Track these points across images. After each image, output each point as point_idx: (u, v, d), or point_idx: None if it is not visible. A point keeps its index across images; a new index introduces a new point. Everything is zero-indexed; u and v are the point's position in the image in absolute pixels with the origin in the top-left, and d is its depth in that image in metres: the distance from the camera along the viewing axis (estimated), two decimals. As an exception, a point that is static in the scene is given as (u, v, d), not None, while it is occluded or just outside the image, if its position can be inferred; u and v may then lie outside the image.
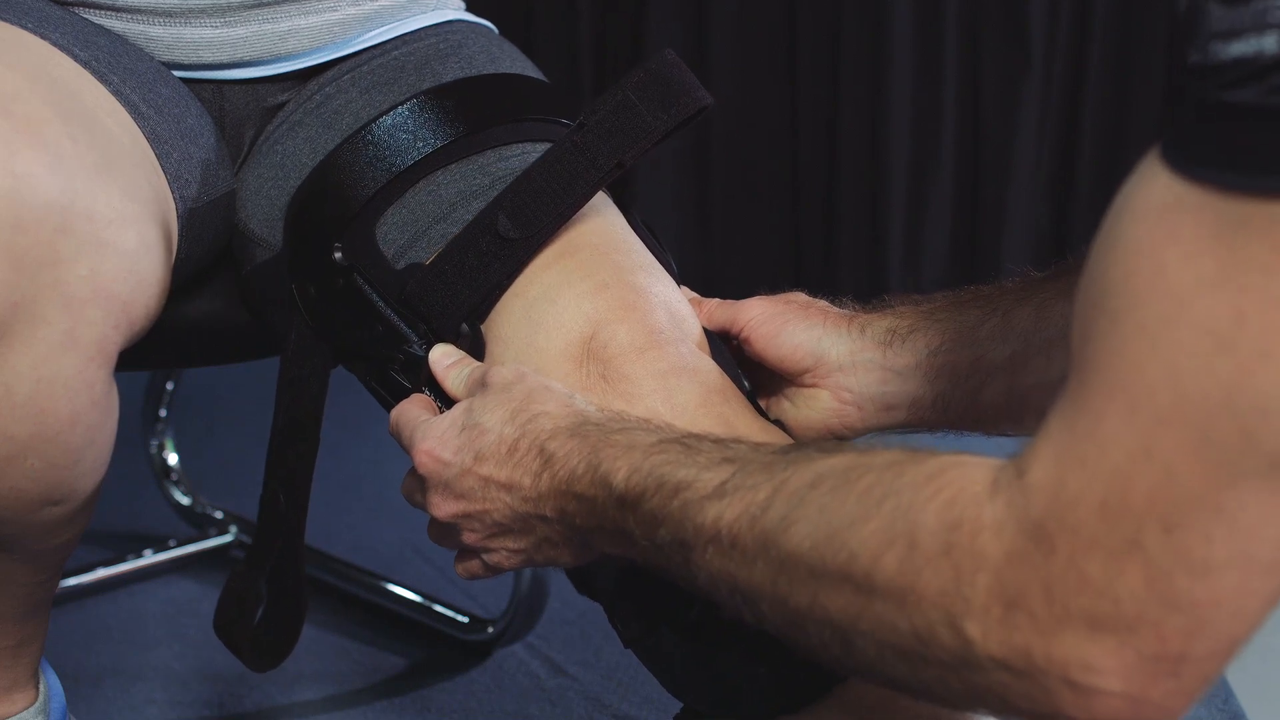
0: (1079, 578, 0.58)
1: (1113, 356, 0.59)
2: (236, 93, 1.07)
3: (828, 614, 0.66)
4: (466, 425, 0.83)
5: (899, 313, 0.96)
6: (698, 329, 0.95)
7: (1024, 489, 0.60)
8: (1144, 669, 0.58)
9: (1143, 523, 0.57)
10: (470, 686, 1.45)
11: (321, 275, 0.97)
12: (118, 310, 0.86)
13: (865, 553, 0.64)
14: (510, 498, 0.81)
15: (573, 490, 0.79)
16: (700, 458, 0.75)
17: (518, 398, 0.83)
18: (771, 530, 0.68)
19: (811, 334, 0.96)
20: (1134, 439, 0.57)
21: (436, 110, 1.00)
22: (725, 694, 0.87)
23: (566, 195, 0.94)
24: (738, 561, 0.70)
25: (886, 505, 0.64)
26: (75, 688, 1.41)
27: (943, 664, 0.62)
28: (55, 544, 0.97)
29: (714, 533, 0.71)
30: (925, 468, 0.64)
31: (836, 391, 0.96)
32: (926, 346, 0.94)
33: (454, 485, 0.83)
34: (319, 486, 1.03)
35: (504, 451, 0.81)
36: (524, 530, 0.83)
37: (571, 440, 0.80)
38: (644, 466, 0.76)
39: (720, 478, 0.72)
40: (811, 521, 0.67)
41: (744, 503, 0.70)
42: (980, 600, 0.60)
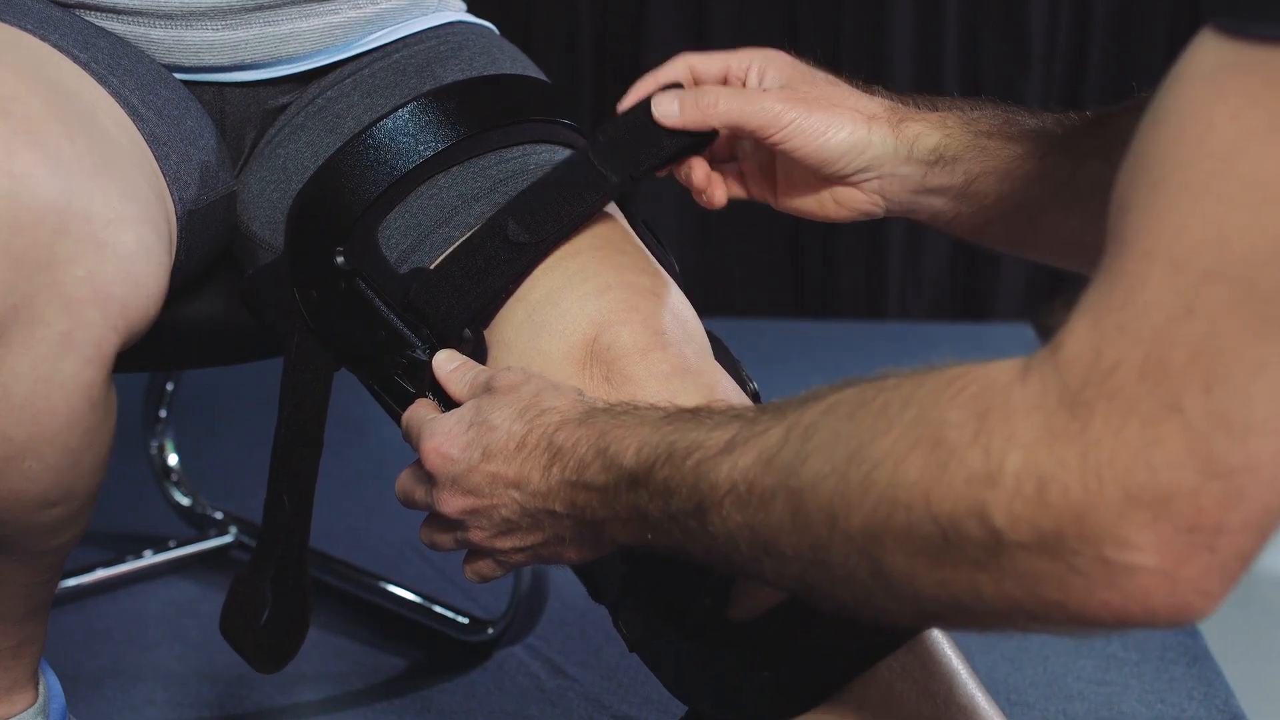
0: (1116, 445, 0.56)
1: (1154, 220, 0.57)
2: (237, 95, 1.07)
3: (851, 536, 0.64)
4: (474, 423, 0.83)
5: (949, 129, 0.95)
6: (701, 330, 0.96)
7: (1058, 364, 0.59)
8: (1180, 542, 0.56)
9: (1183, 383, 0.55)
10: (470, 687, 1.45)
11: (324, 279, 0.97)
12: (116, 311, 0.86)
13: (889, 459, 0.62)
14: (519, 494, 0.81)
15: (582, 480, 0.78)
16: (707, 420, 0.74)
17: (525, 396, 0.83)
18: (787, 465, 0.67)
19: (856, 139, 0.94)
20: (1176, 299, 0.56)
21: (437, 113, 1.00)
22: (729, 697, 0.87)
23: (577, 203, 0.94)
24: (755, 507, 0.68)
25: (908, 414, 0.63)
26: (75, 688, 1.41)
27: (973, 562, 0.60)
28: (55, 545, 0.97)
29: (729, 486, 0.70)
30: (945, 374, 0.63)
31: (869, 195, 0.96)
32: (967, 173, 0.95)
33: (461, 481, 0.83)
34: (320, 487, 1.03)
35: (512, 447, 0.81)
36: (532, 527, 0.82)
37: (579, 429, 0.79)
38: (652, 439, 0.75)
39: (729, 434, 0.71)
40: (828, 447, 0.65)
41: (756, 449, 0.69)
42: (1010, 484, 0.58)
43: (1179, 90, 0.58)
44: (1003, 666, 1.47)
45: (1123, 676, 1.45)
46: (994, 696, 0.87)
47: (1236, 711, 1.39)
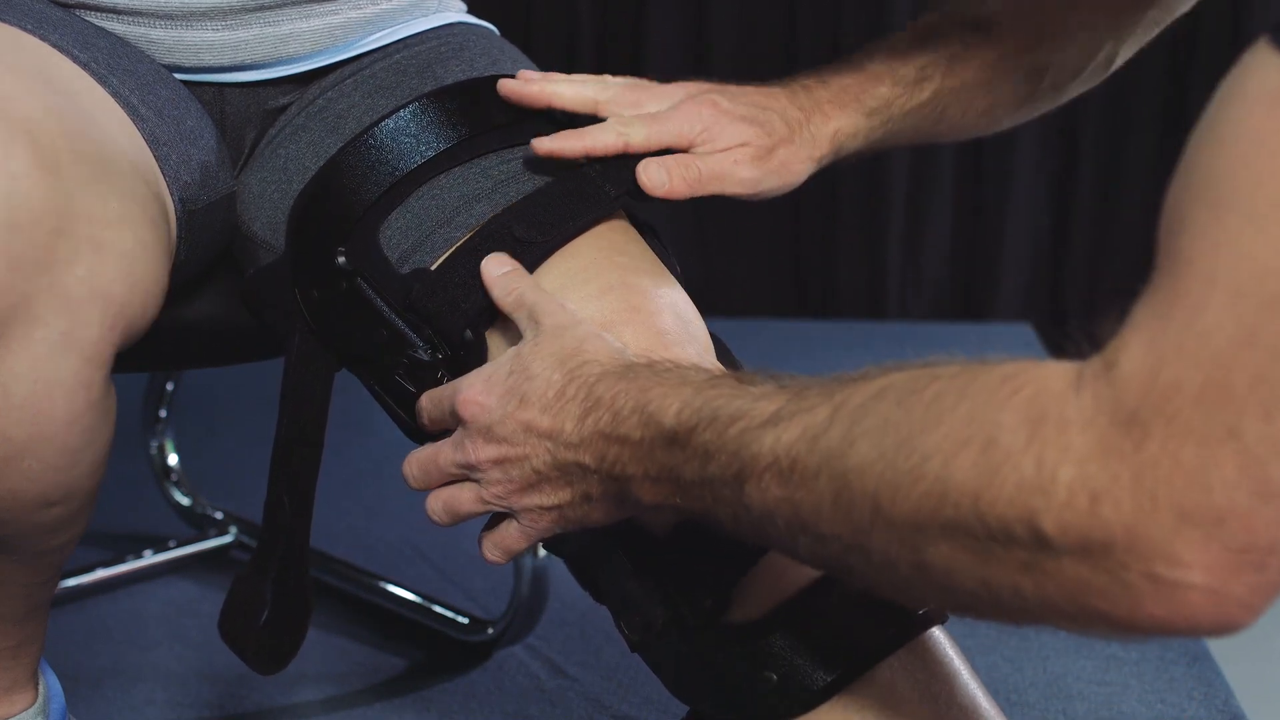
0: (1171, 466, 0.57)
1: (1215, 243, 0.57)
2: (237, 95, 1.07)
3: (893, 525, 0.64)
4: (515, 370, 0.83)
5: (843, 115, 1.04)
6: (704, 330, 0.96)
7: (1114, 381, 0.59)
8: (1229, 562, 0.57)
9: (1243, 409, 0.56)
10: (470, 687, 1.45)
11: (325, 280, 0.97)
12: (115, 311, 0.86)
13: (939, 454, 0.62)
14: (551, 444, 0.81)
15: (617, 433, 0.78)
16: (754, 389, 0.74)
17: (569, 344, 0.82)
18: (834, 447, 0.67)
19: (810, 169, 1.04)
20: (1238, 325, 0.56)
21: (438, 113, 1.00)
22: (730, 698, 0.87)
23: (584, 206, 0.95)
24: (796, 484, 0.68)
25: (961, 408, 0.63)
26: (75, 688, 1.41)
27: (1018, 564, 0.61)
28: (54, 545, 0.96)
29: (771, 459, 0.69)
30: (998, 371, 0.63)
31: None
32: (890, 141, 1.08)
33: (495, 429, 0.83)
34: (320, 487, 1.03)
35: (550, 397, 0.81)
36: (560, 482, 0.82)
37: (620, 383, 0.79)
38: (695, 402, 0.75)
39: (775, 405, 0.71)
40: (877, 432, 0.65)
41: (802, 425, 0.69)
42: (1062, 495, 0.59)
43: (1240, 110, 0.58)
44: (1003, 666, 1.47)
45: (1123, 676, 1.45)
46: (994, 696, 0.87)
47: (1236, 711, 1.39)
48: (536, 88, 1.02)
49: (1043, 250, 2.81)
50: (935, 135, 1.10)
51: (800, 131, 1.03)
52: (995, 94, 1.08)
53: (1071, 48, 1.08)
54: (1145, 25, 1.08)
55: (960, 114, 1.08)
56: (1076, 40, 1.07)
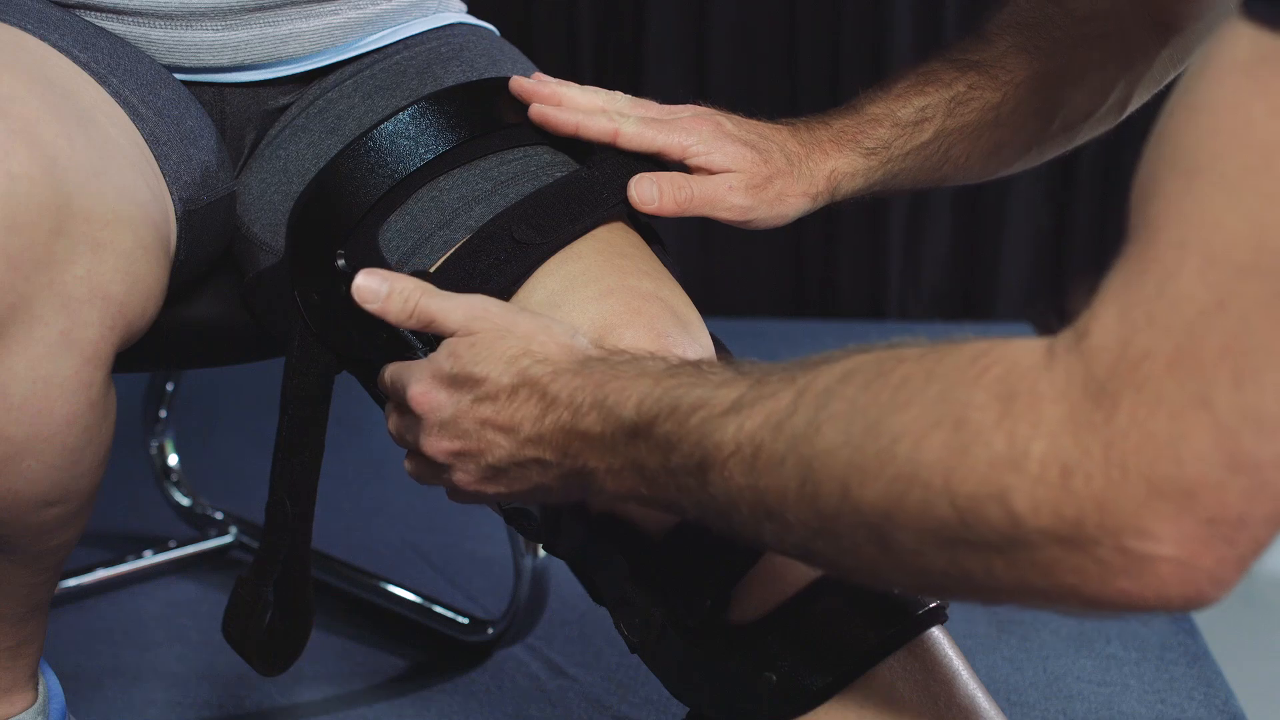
0: (1142, 437, 0.56)
1: (1187, 211, 0.57)
2: (237, 95, 1.07)
3: (861, 510, 0.64)
4: (457, 371, 0.81)
5: (841, 155, 1.04)
6: (704, 332, 0.96)
7: (1084, 352, 0.58)
8: (1200, 534, 0.56)
9: (1213, 377, 0.55)
10: (470, 688, 1.45)
11: (325, 282, 0.97)
12: (114, 311, 0.86)
13: (908, 436, 0.62)
14: (508, 441, 0.80)
15: (577, 429, 0.77)
16: (714, 376, 0.73)
17: (515, 346, 0.81)
18: (799, 432, 0.66)
19: (803, 208, 1.04)
20: (1208, 292, 0.56)
21: (437, 115, 1.00)
22: (730, 699, 0.87)
23: (584, 208, 0.95)
24: (760, 470, 0.68)
25: (930, 390, 0.62)
26: (75, 688, 1.41)
27: (988, 546, 0.60)
28: (54, 545, 0.97)
29: (734, 447, 0.69)
30: (966, 351, 0.63)
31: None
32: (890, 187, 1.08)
33: (450, 426, 0.82)
34: (320, 487, 1.03)
35: (503, 396, 0.80)
36: (519, 475, 0.81)
37: (576, 379, 0.78)
38: (654, 392, 0.74)
39: (736, 393, 0.70)
40: (844, 416, 0.65)
41: (764, 411, 0.68)
42: (1034, 470, 0.58)
43: (1213, 80, 0.58)
44: (1003, 666, 1.47)
45: (1123, 676, 1.45)
46: (994, 696, 0.87)
47: (1236, 711, 1.39)
48: (549, 89, 1.02)
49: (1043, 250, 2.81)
50: (942, 177, 1.09)
51: (798, 166, 1.03)
52: (1001, 135, 1.07)
53: (1081, 90, 1.07)
54: (1160, 66, 1.07)
55: (964, 155, 1.07)
56: (1086, 82, 1.07)
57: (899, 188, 1.09)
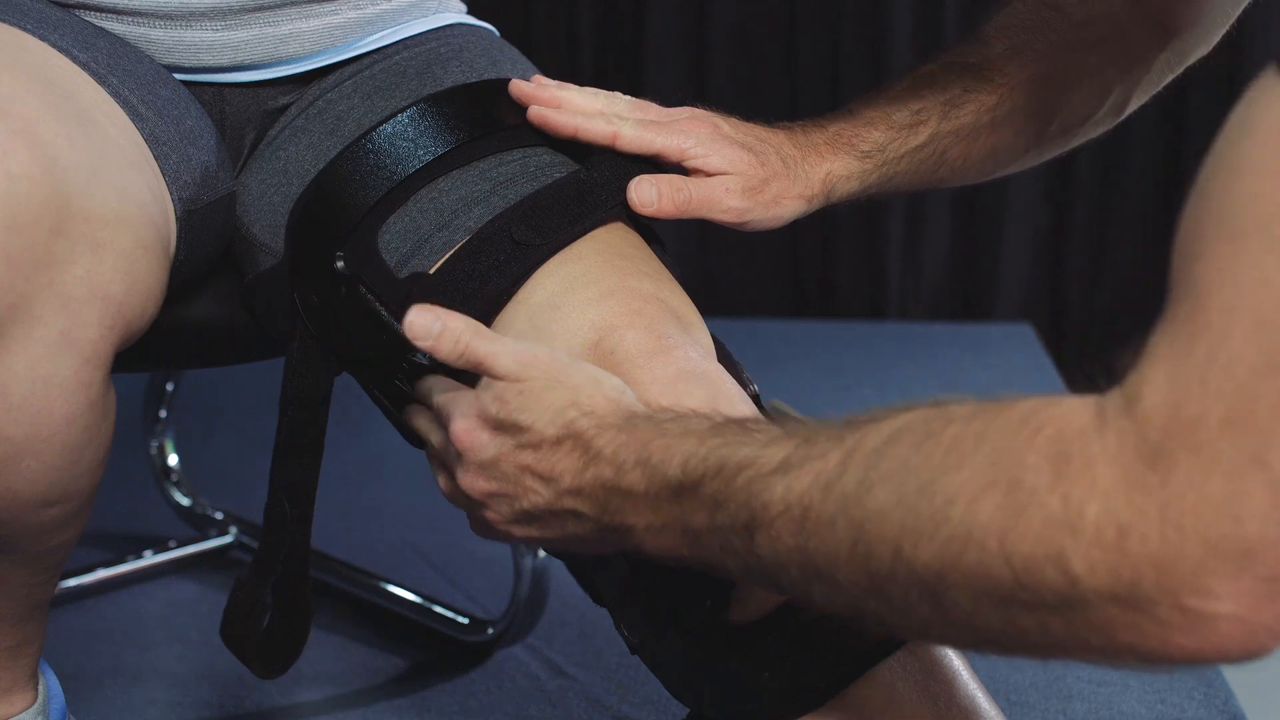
0: (1199, 498, 0.57)
1: (1235, 274, 0.58)
2: (237, 95, 1.07)
3: (915, 570, 0.64)
4: (502, 419, 0.81)
5: (837, 157, 1.05)
6: (705, 333, 0.96)
7: (1137, 415, 0.59)
8: (1260, 590, 0.57)
9: (1268, 437, 0.56)
10: (470, 687, 1.45)
11: (324, 284, 0.97)
12: (114, 311, 0.86)
13: (962, 497, 0.62)
14: (546, 490, 0.80)
15: (620, 485, 0.77)
16: (759, 435, 0.73)
17: (563, 397, 0.81)
18: (850, 493, 0.66)
19: (798, 210, 1.05)
20: (1260, 355, 0.56)
21: (436, 117, 1.00)
22: (731, 699, 0.87)
23: (584, 209, 0.95)
24: (810, 532, 0.68)
25: (982, 451, 0.62)
26: (75, 689, 1.41)
27: (1045, 606, 0.61)
28: (53, 545, 0.97)
29: (782, 507, 0.69)
30: (1016, 411, 0.63)
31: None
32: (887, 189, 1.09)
33: (489, 467, 0.82)
34: (320, 487, 1.03)
35: (546, 446, 0.80)
36: (553, 523, 0.81)
37: (621, 435, 0.78)
38: (700, 451, 0.74)
39: (783, 452, 0.71)
40: (896, 477, 0.65)
41: (814, 471, 0.68)
42: (1090, 531, 0.59)
43: (1255, 142, 0.59)
44: (1003, 667, 1.47)
45: (1122, 676, 1.45)
46: (994, 696, 0.87)
47: (1236, 711, 1.39)
48: (548, 93, 1.02)
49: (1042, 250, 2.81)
50: (938, 179, 1.09)
51: (794, 169, 1.03)
52: (997, 139, 1.08)
53: (1078, 93, 1.07)
54: (1158, 70, 1.08)
55: (961, 158, 1.08)
56: (1084, 86, 1.07)
57: (895, 190, 1.09)
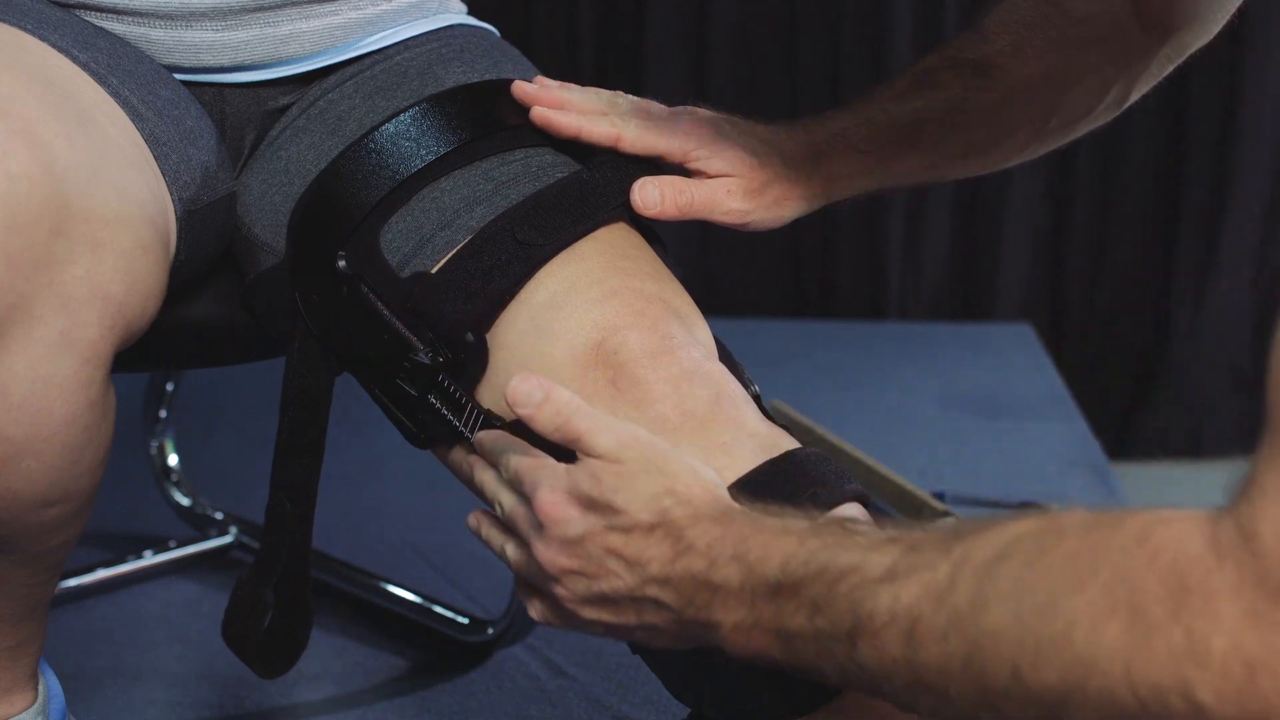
0: None
1: None
2: (237, 96, 1.07)
3: (1034, 691, 0.64)
4: (597, 499, 0.79)
5: (837, 157, 1.05)
6: (707, 333, 0.96)
7: (1256, 552, 0.59)
8: None
9: None
10: (470, 687, 1.45)
11: (326, 284, 0.97)
12: (114, 311, 0.86)
13: (1083, 622, 0.62)
14: (631, 576, 0.79)
15: (712, 580, 0.76)
16: (861, 539, 0.72)
17: (660, 483, 0.80)
18: (963, 608, 0.66)
19: (800, 210, 1.06)
20: None
21: (438, 117, 1.00)
22: (731, 699, 0.87)
23: (586, 210, 0.95)
24: (919, 644, 0.68)
25: (1101, 573, 0.62)
26: (75, 689, 1.41)
27: None
28: (53, 545, 0.97)
29: (889, 617, 0.69)
30: (1130, 530, 0.63)
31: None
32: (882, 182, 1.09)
33: (573, 545, 0.80)
34: (320, 487, 1.03)
35: (638, 532, 0.79)
36: (630, 609, 0.80)
37: (716, 528, 0.77)
38: (800, 553, 0.73)
39: (889, 559, 0.70)
40: (1011, 596, 0.65)
41: (922, 582, 0.68)
42: (1216, 665, 0.59)
43: None
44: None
45: None
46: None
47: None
48: (550, 94, 1.02)
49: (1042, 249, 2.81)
50: (939, 175, 1.10)
51: (795, 170, 1.03)
52: (997, 135, 1.08)
53: (1078, 89, 1.07)
54: (1158, 64, 1.08)
55: (962, 154, 1.08)
56: (1083, 82, 1.07)
57: (895, 185, 1.09)
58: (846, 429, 2.08)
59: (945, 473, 2.05)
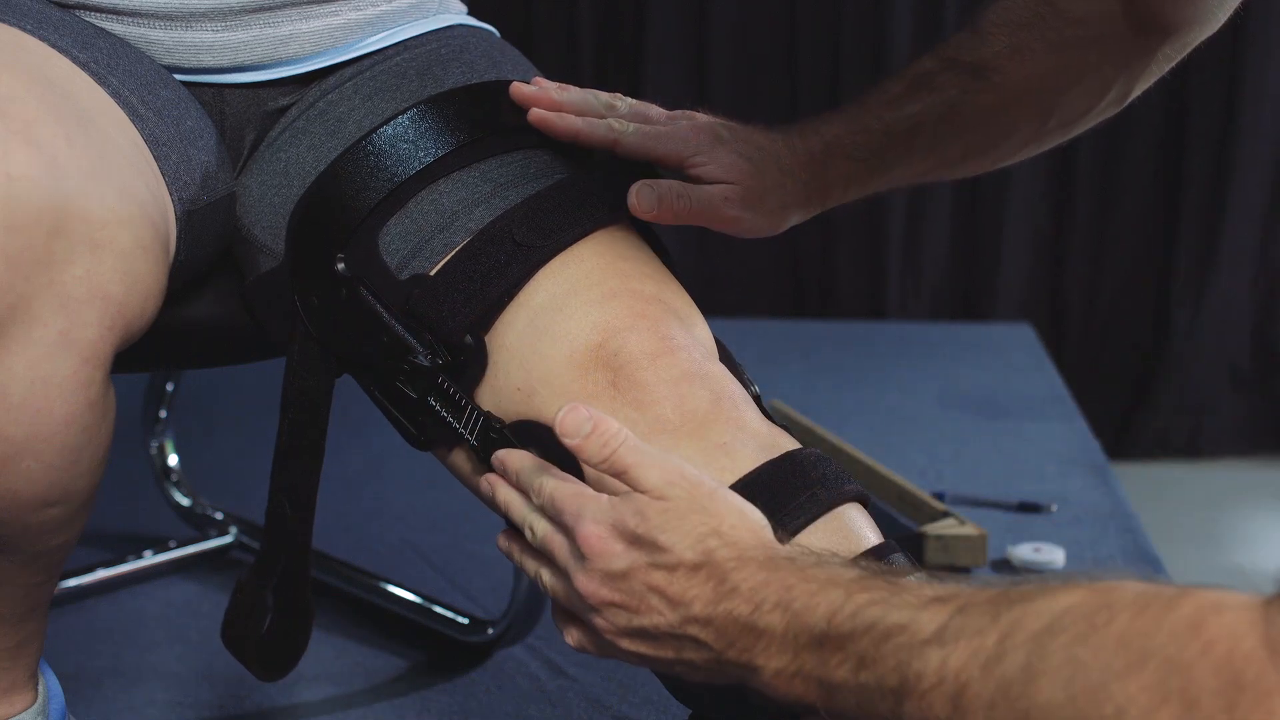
0: None
1: None
2: (237, 96, 1.07)
3: None
4: (642, 536, 0.79)
5: (834, 163, 1.05)
6: (707, 333, 0.96)
7: None
8: None
9: None
10: (470, 688, 1.45)
11: (325, 286, 0.97)
12: (113, 311, 0.86)
13: (1135, 709, 0.62)
14: (673, 614, 0.79)
15: (755, 624, 0.76)
16: (909, 596, 0.73)
17: (707, 523, 0.80)
18: (1012, 680, 0.66)
19: (797, 218, 1.06)
20: None
21: (437, 118, 1.00)
22: (731, 700, 0.87)
23: (585, 211, 0.95)
24: (966, 709, 0.68)
25: (1152, 660, 0.62)
26: (75, 689, 1.41)
27: None
28: (53, 545, 0.96)
29: (936, 680, 0.69)
30: (1182, 614, 0.63)
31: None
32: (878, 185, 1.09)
33: (616, 579, 0.80)
34: (319, 487, 1.03)
35: (682, 570, 0.79)
36: (668, 644, 0.80)
37: (761, 573, 0.77)
38: (848, 607, 0.73)
39: (938, 620, 0.70)
40: (1062, 673, 0.65)
41: (970, 648, 0.68)
42: None
43: None
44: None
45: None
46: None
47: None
48: (548, 96, 1.02)
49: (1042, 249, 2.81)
50: (936, 177, 1.10)
51: (792, 178, 1.03)
52: (995, 137, 1.08)
53: (1077, 89, 1.07)
54: (1158, 61, 1.07)
55: (960, 156, 1.08)
56: (1082, 82, 1.07)
57: (894, 186, 1.09)
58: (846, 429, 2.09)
59: (945, 473, 2.05)
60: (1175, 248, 2.74)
